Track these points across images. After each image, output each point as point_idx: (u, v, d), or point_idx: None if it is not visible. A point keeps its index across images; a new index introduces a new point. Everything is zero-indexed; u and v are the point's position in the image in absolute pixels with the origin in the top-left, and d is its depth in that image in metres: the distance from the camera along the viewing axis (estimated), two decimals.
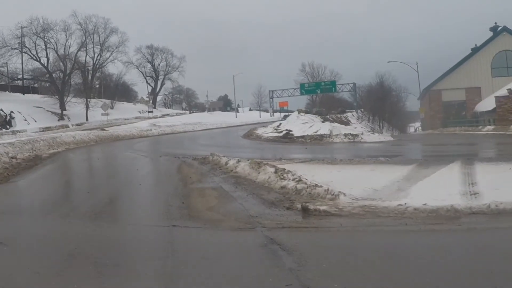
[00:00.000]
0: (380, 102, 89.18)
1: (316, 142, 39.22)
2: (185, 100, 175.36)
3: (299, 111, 75.27)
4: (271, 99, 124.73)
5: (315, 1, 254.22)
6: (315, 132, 45.61)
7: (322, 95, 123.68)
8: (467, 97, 74.02)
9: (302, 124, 54.46)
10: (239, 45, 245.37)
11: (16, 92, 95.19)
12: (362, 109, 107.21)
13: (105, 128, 61.47)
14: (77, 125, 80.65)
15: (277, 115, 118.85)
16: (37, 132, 64.52)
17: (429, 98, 74.76)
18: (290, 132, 48.63)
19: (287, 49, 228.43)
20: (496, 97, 57.32)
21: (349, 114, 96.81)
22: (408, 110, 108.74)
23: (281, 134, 48.68)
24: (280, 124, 64.61)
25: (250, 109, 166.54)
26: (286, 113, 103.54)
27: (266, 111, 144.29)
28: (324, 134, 43.11)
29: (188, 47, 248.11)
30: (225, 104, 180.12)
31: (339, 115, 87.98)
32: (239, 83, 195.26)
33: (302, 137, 43.36)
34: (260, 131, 58.73)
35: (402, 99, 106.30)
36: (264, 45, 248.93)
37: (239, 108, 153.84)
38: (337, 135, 41.52)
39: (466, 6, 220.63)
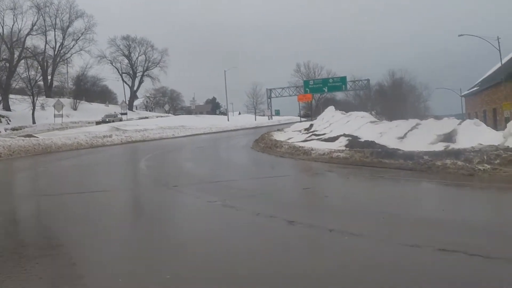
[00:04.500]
0: (400, 102, 73.43)
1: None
2: (169, 103, 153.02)
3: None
4: (269, 99, 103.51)
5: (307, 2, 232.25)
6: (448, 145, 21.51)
7: (319, 98, 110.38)
8: None
9: (371, 126, 31.53)
10: (230, 48, 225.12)
11: None
12: (375, 111, 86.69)
13: (36, 135, 42.93)
14: (13, 129, 59.81)
15: (275, 118, 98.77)
16: None
17: None
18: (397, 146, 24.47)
19: (281, 52, 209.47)
20: None
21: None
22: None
23: (370, 151, 22.95)
24: (312, 126, 43.67)
25: (239, 113, 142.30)
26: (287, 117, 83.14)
27: (261, 114, 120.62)
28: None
29: (175, 47, 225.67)
30: (214, 108, 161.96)
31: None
32: (229, 87, 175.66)
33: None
34: (282, 137, 37.99)
35: (423, 98, 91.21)
36: (257, 48, 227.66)
37: (228, 112, 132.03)
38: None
39: None
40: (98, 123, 70.39)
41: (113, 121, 72.29)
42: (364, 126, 31.88)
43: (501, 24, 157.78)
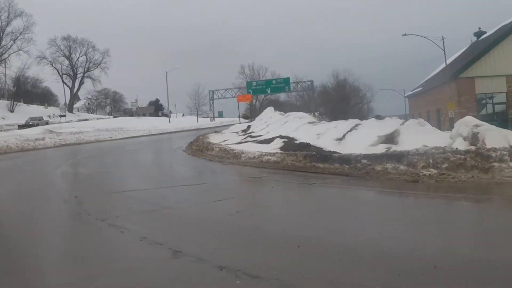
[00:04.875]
0: (343, 103, 71.84)
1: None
2: (112, 105, 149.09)
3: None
4: (211, 101, 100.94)
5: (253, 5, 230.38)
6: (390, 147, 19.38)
7: (264, 99, 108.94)
8: (508, 87, 50.75)
9: (309, 127, 29.27)
10: (175, 49, 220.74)
11: None
12: (318, 112, 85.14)
13: None
14: None
15: (218, 120, 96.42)
16: None
17: (457, 89, 50.70)
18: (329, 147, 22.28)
19: (226, 53, 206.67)
20: None
21: None
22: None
23: (307, 153, 20.15)
24: (249, 127, 41.70)
25: (183, 115, 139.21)
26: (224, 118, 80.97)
27: (204, 116, 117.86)
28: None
29: (118, 48, 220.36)
30: (157, 109, 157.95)
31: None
32: (173, 89, 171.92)
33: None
34: (218, 139, 35.54)
35: (367, 99, 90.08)
36: (202, 49, 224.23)
37: (171, 114, 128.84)
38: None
39: None
40: (21, 126, 66.27)
41: (37, 124, 68.16)
42: (301, 127, 29.74)
43: (446, 26, 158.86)
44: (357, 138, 21.73)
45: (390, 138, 19.92)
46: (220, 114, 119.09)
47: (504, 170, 13.02)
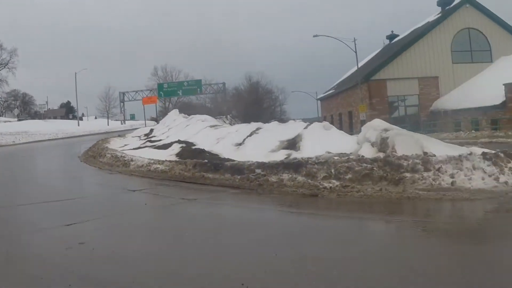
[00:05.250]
0: (256, 106, 71.10)
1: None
2: (21, 107, 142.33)
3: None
4: (121, 103, 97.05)
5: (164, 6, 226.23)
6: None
7: (177, 102, 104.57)
8: (421, 90, 51.13)
9: (210, 131, 26.95)
10: (89, 50, 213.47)
11: None
12: (231, 114, 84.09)
13: None
14: None
15: (129, 123, 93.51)
16: None
17: (368, 91, 49.85)
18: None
19: (140, 55, 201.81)
20: (507, 84, 38.42)
21: (219, 120, 72.49)
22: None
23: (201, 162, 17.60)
24: (152, 131, 39.01)
25: (96, 118, 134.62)
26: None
27: (117, 119, 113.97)
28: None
29: (29, 48, 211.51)
30: (68, 112, 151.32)
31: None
32: (86, 91, 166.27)
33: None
34: (117, 144, 32.01)
35: (280, 101, 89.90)
36: (114, 51, 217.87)
37: (83, 117, 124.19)
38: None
39: None
40: None
41: None
42: (202, 131, 27.42)
43: (361, 29, 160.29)
44: (257, 143, 19.56)
45: (292, 144, 17.80)
46: (132, 117, 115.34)
47: (417, 182, 10.95)
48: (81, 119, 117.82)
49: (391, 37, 67.00)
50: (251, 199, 11.67)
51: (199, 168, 15.96)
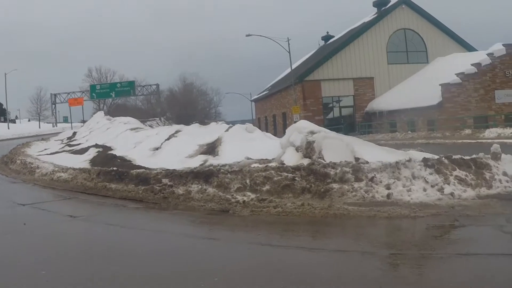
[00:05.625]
0: (190, 108, 69.77)
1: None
2: None
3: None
4: (53, 105, 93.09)
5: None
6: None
7: (111, 104, 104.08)
8: (356, 90, 50.64)
9: (130, 134, 24.59)
10: (26, 50, 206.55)
11: None
12: (165, 116, 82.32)
13: None
14: None
15: (61, 126, 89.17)
16: None
17: (303, 92, 48.64)
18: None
19: (74, 56, 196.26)
20: (444, 85, 39.15)
21: (153, 123, 72.00)
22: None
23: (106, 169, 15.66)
24: (75, 134, 36.51)
25: (29, 120, 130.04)
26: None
27: (49, 122, 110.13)
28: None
29: None
30: (0, 114, 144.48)
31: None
32: (19, 92, 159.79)
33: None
34: (37, 149, 29.59)
35: (214, 103, 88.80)
36: (47, 51, 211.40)
37: (17, 119, 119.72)
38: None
39: None
40: None
41: None
42: (122, 134, 25.27)
43: (299, 29, 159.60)
44: (175, 148, 17.55)
45: (212, 148, 15.83)
46: (65, 119, 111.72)
47: (347, 194, 9.01)
48: (13, 121, 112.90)
49: (326, 38, 66.34)
50: (148, 217, 9.64)
51: (102, 178, 13.79)
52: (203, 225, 8.71)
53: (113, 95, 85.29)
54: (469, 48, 52.15)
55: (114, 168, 14.51)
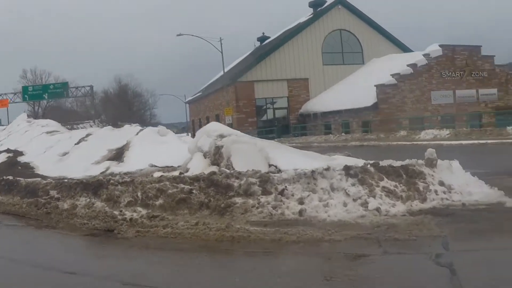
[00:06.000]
0: (125, 109, 67.92)
1: None
2: None
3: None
4: None
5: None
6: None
7: (46, 106, 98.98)
8: (290, 92, 49.71)
9: (44, 138, 22.66)
10: None
11: None
12: (99, 119, 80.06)
13: None
14: None
15: None
16: None
17: (235, 93, 47.44)
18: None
19: (8, 56, 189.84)
20: (379, 86, 38.28)
21: (87, 126, 68.10)
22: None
23: None
24: None
25: None
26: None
27: None
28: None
29: None
30: None
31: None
32: None
33: None
34: None
35: (150, 105, 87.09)
36: None
37: None
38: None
39: None
40: None
41: None
42: (37, 138, 23.20)
43: (235, 30, 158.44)
44: (83, 153, 15.91)
45: (120, 153, 14.23)
46: None
47: (251, 211, 7.40)
48: None
49: (262, 38, 65.32)
50: (18, 239, 7.98)
51: None
52: (76, 250, 7.04)
53: (46, 96, 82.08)
54: (405, 49, 51.96)
55: (4, 177, 12.76)
